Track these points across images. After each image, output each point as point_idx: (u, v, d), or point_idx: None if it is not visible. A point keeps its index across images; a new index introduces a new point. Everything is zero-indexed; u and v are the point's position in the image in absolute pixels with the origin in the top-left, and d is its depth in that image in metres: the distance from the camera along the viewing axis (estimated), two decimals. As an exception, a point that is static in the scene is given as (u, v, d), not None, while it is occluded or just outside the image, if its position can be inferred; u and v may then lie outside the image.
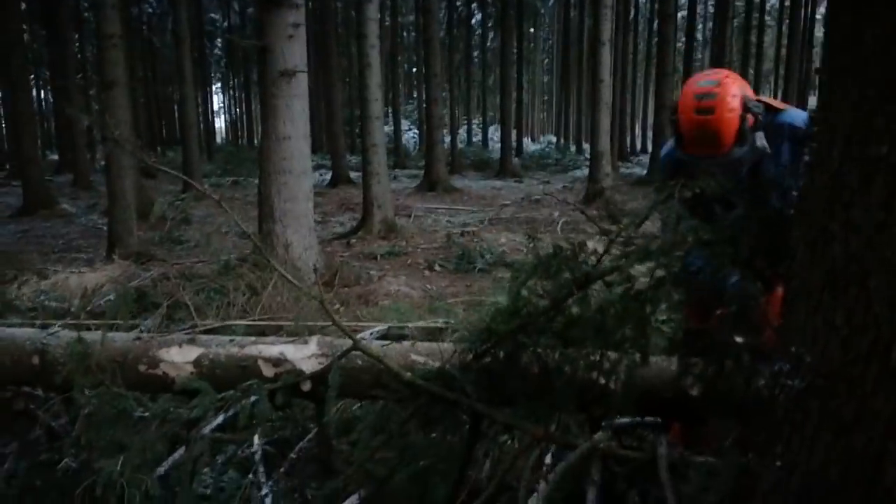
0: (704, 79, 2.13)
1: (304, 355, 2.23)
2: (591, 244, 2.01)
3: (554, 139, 37.48)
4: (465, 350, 2.10)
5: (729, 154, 2.06)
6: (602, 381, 1.98)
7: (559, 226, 9.96)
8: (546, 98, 56.30)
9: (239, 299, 4.84)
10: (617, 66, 21.58)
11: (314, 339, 2.28)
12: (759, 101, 2.16)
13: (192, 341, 2.34)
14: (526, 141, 32.11)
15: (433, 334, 4.65)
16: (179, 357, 2.30)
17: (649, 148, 36.17)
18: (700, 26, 35.39)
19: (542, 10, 45.53)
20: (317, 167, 21.25)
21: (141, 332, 2.93)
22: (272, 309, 4.89)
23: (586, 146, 33.80)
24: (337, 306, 5.68)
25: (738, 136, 2.03)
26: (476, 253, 7.70)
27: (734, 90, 2.05)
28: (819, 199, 1.29)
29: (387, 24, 26.21)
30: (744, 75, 19.85)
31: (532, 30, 44.30)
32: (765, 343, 1.73)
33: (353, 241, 9.00)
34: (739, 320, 1.73)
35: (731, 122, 2.01)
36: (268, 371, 2.23)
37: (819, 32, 40.04)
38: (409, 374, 2.09)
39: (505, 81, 22.80)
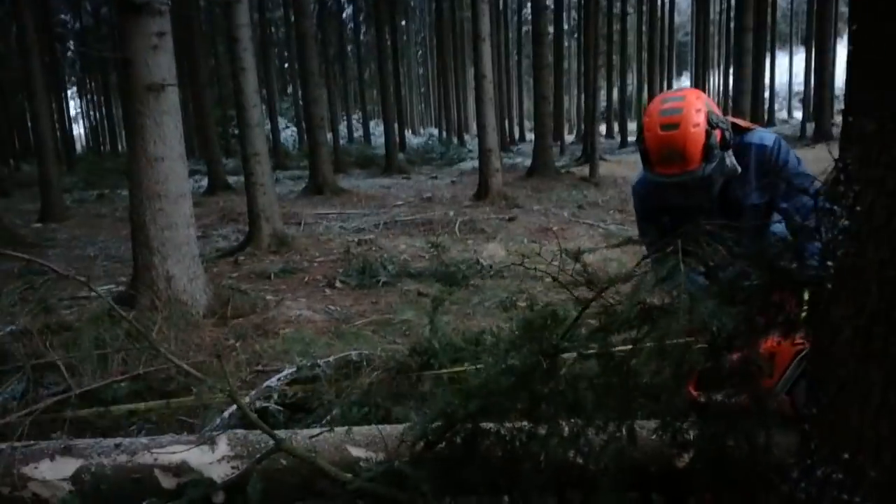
0: (668, 97, 2.06)
1: (213, 459, 1.82)
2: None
3: (435, 132, 37.48)
4: (417, 437, 1.77)
5: (697, 171, 1.98)
6: (579, 460, 1.71)
7: (457, 226, 9.74)
8: (423, 90, 56.32)
9: (122, 347, 4.24)
10: (494, 59, 21.70)
11: (223, 438, 1.87)
12: (728, 120, 2.09)
13: (67, 451, 1.88)
14: (408, 134, 31.88)
15: (346, 367, 4.29)
16: (52, 473, 1.84)
17: (527, 137, 37.01)
18: (565, 15, 36.34)
19: (413, 3, 45.36)
20: (192, 173, 20.01)
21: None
22: (160, 357, 4.33)
23: (468, 137, 34.13)
24: (232, 341, 5.17)
25: (705, 151, 1.96)
26: (377, 264, 7.33)
27: (698, 105, 1.99)
28: (872, 276, 1.06)
29: (254, 19, 25.07)
30: (609, 61, 20.47)
31: (404, 22, 43.99)
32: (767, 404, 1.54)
33: (242, 258, 8.37)
34: (744, 384, 1.52)
35: (697, 136, 1.95)
36: (168, 482, 1.81)
37: (677, 18, 42.27)
38: (349, 475, 1.73)
39: (383, 75, 22.37)
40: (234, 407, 3.22)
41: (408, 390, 3.65)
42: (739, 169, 2.10)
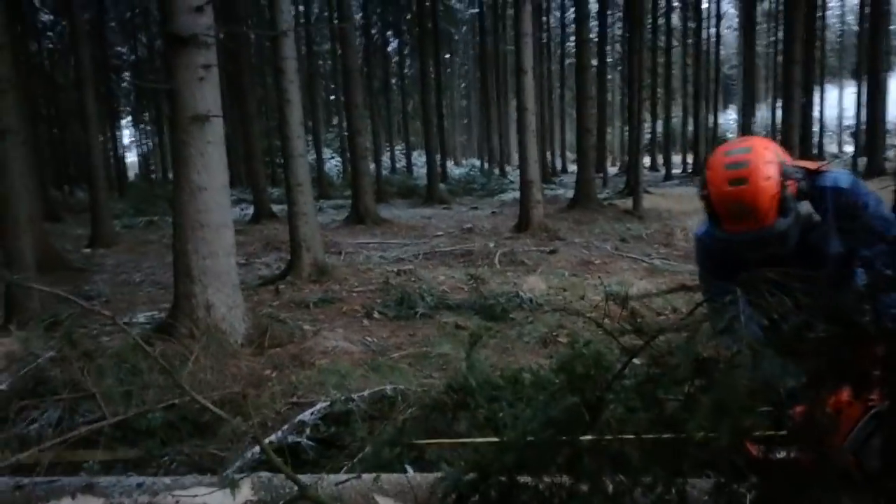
0: (733, 147, 1.89)
1: (236, 504, 1.74)
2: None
3: (477, 162, 37.61)
4: (448, 490, 1.67)
5: (772, 227, 1.80)
6: (624, 521, 1.58)
7: (497, 258, 9.64)
8: (465, 121, 56.76)
9: (155, 379, 4.24)
10: (536, 92, 21.75)
11: (247, 482, 1.80)
12: (797, 165, 1.92)
13: (89, 488, 1.83)
14: (449, 165, 32.04)
15: (380, 402, 4.21)
16: (73, 512, 1.77)
17: (569, 168, 36.86)
18: (608, 48, 36.31)
19: (457, 36, 45.95)
20: (237, 201, 20.41)
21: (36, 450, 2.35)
22: (196, 386, 4.31)
23: (509, 168, 34.15)
24: (269, 371, 5.14)
25: (780, 206, 1.79)
26: (416, 295, 7.26)
27: (768, 156, 1.82)
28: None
29: (302, 52, 25.66)
30: (653, 94, 20.33)
31: (448, 55, 44.55)
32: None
33: (282, 286, 8.40)
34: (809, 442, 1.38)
35: (769, 190, 1.77)
36: (191, 527, 1.73)
37: (723, 51, 41.97)
38: (377, 528, 1.63)
39: (426, 107, 22.59)
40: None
41: (443, 429, 3.54)
42: (817, 217, 1.93)
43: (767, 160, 1.82)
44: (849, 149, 46.26)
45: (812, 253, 2.01)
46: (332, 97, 38.22)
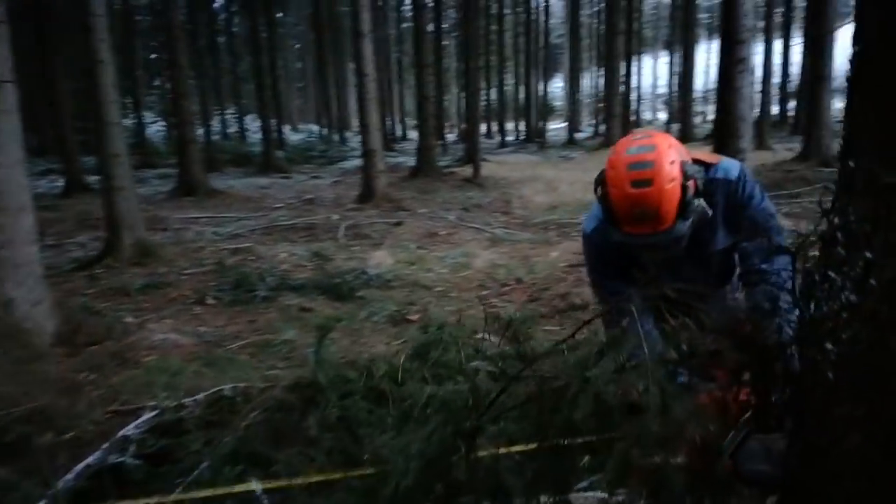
0: (636, 145, 1.74)
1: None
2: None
3: (315, 128, 36.50)
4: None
5: (672, 230, 1.70)
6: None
7: (341, 232, 9.30)
8: (301, 85, 54.84)
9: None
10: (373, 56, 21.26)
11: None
12: (695, 160, 1.83)
13: None
14: (286, 130, 30.75)
15: (218, 405, 3.83)
16: None
17: (409, 135, 36.77)
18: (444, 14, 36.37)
19: (290, -6, 43.98)
20: (45, 172, 18.29)
21: None
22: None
23: (349, 135, 33.42)
24: (85, 374, 4.54)
25: (681, 207, 1.69)
26: (255, 276, 6.79)
27: (672, 156, 1.70)
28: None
29: (117, 5, 23.25)
30: (487, 61, 20.60)
31: (280, 14, 42.50)
32: None
33: (99, 271, 7.53)
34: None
35: (673, 193, 1.67)
36: None
37: (552, 20, 43.50)
38: None
39: (259, 69, 21.39)
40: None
41: (291, 433, 3.25)
42: (710, 212, 1.86)
43: (671, 160, 1.71)
44: (662, 116, 50.23)
45: (700, 247, 1.96)
46: (154, 56, 35.17)
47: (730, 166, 1.96)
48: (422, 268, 7.34)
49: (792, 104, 28.22)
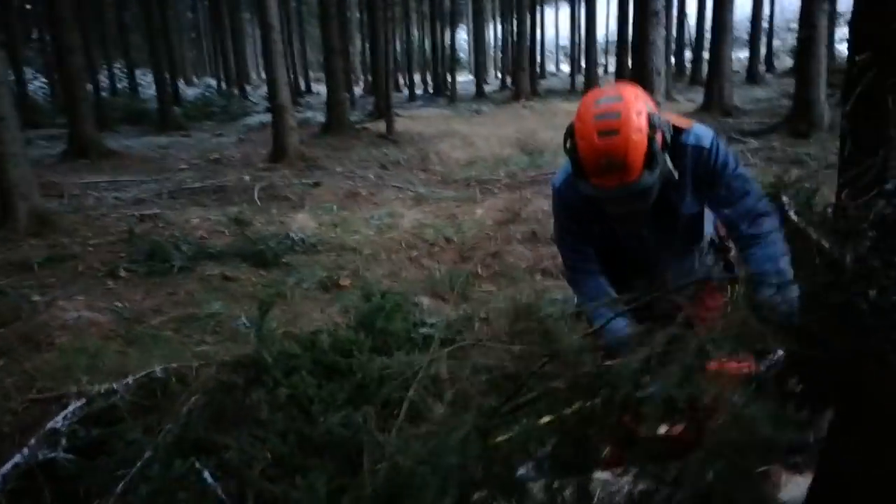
0: (603, 96, 1.74)
1: None
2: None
3: (212, 82, 34.72)
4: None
5: (639, 181, 1.71)
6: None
7: (256, 193, 8.91)
8: (194, 36, 51.88)
9: None
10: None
11: None
12: (665, 119, 1.82)
13: None
14: (181, 85, 29.05)
15: (151, 386, 3.61)
16: None
17: (314, 88, 35.61)
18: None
19: (177, -63, 41.12)
20: None
21: None
22: None
23: (249, 89, 32.00)
24: (-8, 361, 4.16)
25: (648, 158, 1.69)
26: (169, 244, 6.39)
27: (639, 106, 1.70)
28: None
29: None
30: (392, 12, 20.00)
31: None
32: None
33: (-8, 245, 6.91)
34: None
35: (640, 142, 1.68)
36: None
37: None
38: None
39: (149, 19, 20.00)
40: None
41: (238, 416, 3.08)
42: (676, 174, 1.85)
43: (638, 110, 1.70)
44: (565, 68, 50.95)
45: (667, 211, 1.96)
46: (29, 6, 32.17)
47: (702, 133, 1.94)
48: (347, 230, 7.15)
49: (688, 55, 29.22)
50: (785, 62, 30.97)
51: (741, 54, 27.77)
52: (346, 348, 3.44)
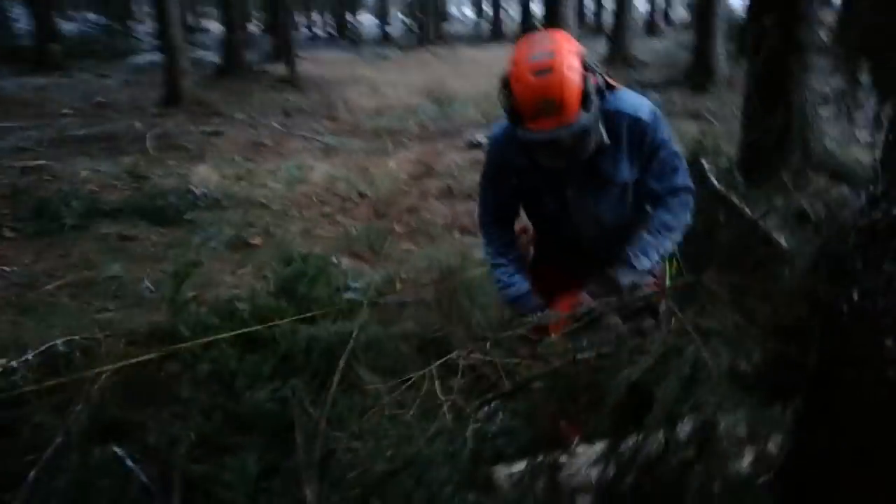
0: (535, 39, 1.81)
1: None
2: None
3: (93, 17, 31.96)
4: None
5: (575, 122, 1.73)
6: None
7: (149, 142, 8.34)
8: (68, -38, 47.40)
9: None
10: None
11: None
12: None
13: None
14: (57, 19, 26.59)
15: (52, 362, 3.36)
16: None
17: (204, 25, 33.54)
18: None
19: None
20: None
21: None
22: None
23: (134, 24, 29.72)
24: None
25: (583, 98, 1.72)
26: (57, 200, 5.91)
27: (570, 46, 1.75)
28: None
29: None
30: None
31: None
32: None
33: None
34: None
35: (574, 81, 1.71)
36: None
37: None
38: None
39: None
40: None
41: (156, 394, 2.91)
42: (607, 140, 1.86)
43: (570, 50, 1.75)
44: (469, 13, 50.33)
45: (599, 177, 1.97)
46: None
47: (640, 104, 1.94)
48: (253, 183, 6.84)
49: (589, 4, 29.54)
50: (680, 13, 31.87)
51: (639, 5, 28.31)
52: (268, 316, 3.31)
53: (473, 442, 1.32)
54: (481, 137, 7.99)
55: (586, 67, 1.75)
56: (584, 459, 1.36)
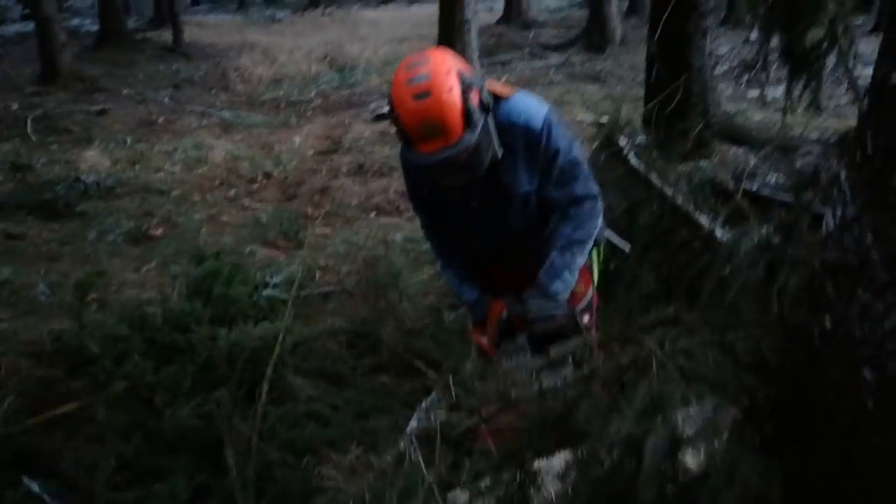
0: (412, 62, 1.79)
1: None
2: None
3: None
4: None
5: (461, 142, 1.73)
6: None
7: (29, 126, 7.65)
8: None
9: None
10: None
11: None
12: (481, 80, 1.85)
13: None
14: None
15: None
16: None
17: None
18: None
19: None
20: None
21: None
22: None
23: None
24: None
25: (465, 117, 1.73)
26: (-74, 197, 5.36)
27: (445, 65, 1.75)
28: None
29: None
30: None
31: None
32: None
33: None
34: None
35: (453, 101, 1.71)
36: None
37: None
38: None
39: None
40: None
41: (67, 417, 2.70)
42: (500, 153, 1.86)
43: (446, 71, 1.73)
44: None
45: (500, 190, 1.96)
46: None
47: (532, 112, 1.93)
48: (148, 167, 6.43)
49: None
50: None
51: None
52: (182, 322, 3.13)
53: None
54: (387, 108, 7.82)
55: (467, 85, 1.74)
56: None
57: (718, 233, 2.48)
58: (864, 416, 1.03)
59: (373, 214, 5.13)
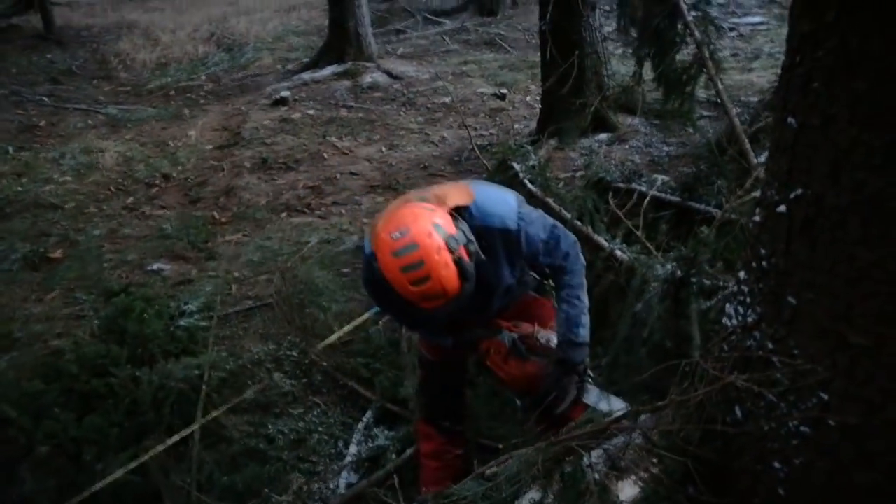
0: (399, 246, 1.75)
1: None
2: None
3: None
4: None
5: (462, 293, 1.83)
6: None
7: None
8: None
9: None
10: None
11: None
12: (451, 211, 1.87)
13: None
14: None
15: None
16: None
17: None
18: None
19: None
20: None
21: None
22: None
23: None
24: None
25: (462, 277, 1.80)
26: None
27: (434, 241, 1.74)
28: None
29: None
30: None
31: None
32: None
33: None
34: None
35: (450, 275, 1.77)
36: None
37: None
38: None
39: None
40: None
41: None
42: (482, 256, 1.91)
43: (437, 247, 1.74)
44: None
45: (487, 287, 2.04)
46: None
47: (504, 213, 2.00)
48: (35, 179, 6.03)
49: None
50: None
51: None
52: (99, 366, 3.03)
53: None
54: (286, 92, 7.61)
55: (453, 250, 1.76)
56: None
57: (618, 253, 2.61)
58: (777, 501, 1.15)
59: (283, 214, 5.02)
